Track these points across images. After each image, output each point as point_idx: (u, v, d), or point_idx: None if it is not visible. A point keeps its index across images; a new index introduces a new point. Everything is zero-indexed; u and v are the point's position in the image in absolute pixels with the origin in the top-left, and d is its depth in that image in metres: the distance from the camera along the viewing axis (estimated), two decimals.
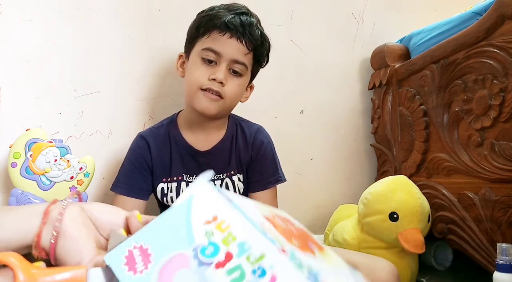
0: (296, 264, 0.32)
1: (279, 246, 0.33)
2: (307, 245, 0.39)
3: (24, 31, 1.00)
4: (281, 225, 0.39)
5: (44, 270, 0.33)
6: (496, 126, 0.86)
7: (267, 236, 0.33)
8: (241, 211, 0.35)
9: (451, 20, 1.05)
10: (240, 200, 0.38)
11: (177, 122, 0.97)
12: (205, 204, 0.35)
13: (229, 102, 0.91)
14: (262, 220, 0.36)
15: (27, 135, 0.87)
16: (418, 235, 0.89)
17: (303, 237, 0.41)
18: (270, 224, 0.37)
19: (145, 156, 0.93)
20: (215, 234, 0.33)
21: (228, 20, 0.87)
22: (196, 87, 0.88)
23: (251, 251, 0.32)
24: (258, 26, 0.91)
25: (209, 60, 0.88)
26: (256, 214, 0.37)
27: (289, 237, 0.37)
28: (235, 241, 0.33)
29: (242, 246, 0.32)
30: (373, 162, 1.34)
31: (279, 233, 0.36)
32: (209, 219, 0.34)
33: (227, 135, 0.96)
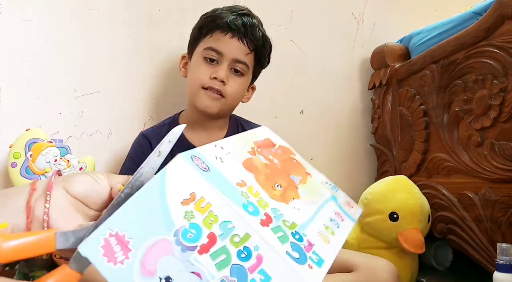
0: (280, 238, 0.31)
1: (262, 215, 0.32)
2: (290, 184, 0.39)
3: (24, 31, 1.00)
4: (263, 166, 0.39)
5: (9, 235, 0.32)
6: (496, 126, 0.86)
7: (248, 208, 0.32)
8: (220, 178, 0.33)
9: (451, 20, 1.05)
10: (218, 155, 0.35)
11: (179, 122, 0.97)
12: (179, 180, 0.32)
13: (230, 101, 0.92)
14: (242, 175, 0.35)
15: (27, 135, 0.87)
16: (418, 235, 0.89)
17: (286, 169, 0.41)
18: (251, 175, 0.36)
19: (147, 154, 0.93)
20: (195, 215, 0.31)
21: (230, 21, 0.88)
22: (198, 86, 0.90)
23: (234, 231, 0.31)
24: (259, 27, 0.93)
25: (211, 59, 0.90)
26: (236, 166, 0.36)
27: (272, 182, 0.37)
28: (217, 222, 0.31)
29: (225, 226, 0.31)
30: (373, 162, 1.34)
31: (261, 186, 0.36)
32: (186, 197, 0.31)
33: (228, 135, 0.97)
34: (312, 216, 0.38)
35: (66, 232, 0.33)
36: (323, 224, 0.38)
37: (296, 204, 0.38)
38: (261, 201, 0.34)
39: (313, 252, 0.33)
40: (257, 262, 0.30)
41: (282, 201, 0.36)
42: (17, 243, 0.31)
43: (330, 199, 0.43)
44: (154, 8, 1.13)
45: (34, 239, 0.32)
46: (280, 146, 0.46)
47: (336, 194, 0.46)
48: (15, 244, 0.31)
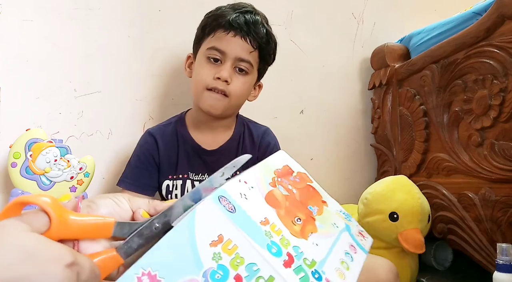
0: (301, 279, 0.33)
1: (285, 255, 0.34)
2: (308, 215, 0.41)
3: (24, 31, 1.00)
4: (283, 198, 0.41)
5: (75, 214, 0.34)
6: (496, 126, 0.86)
7: (272, 249, 0.34)
8: (245, 218, 0.35)
9: (451, 20, 1.05)
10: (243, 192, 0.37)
11: (185, 121, 0.98)
12: (208, 222, 0.33)
13: (235, 100, 0.91)
14: (265, 212, 0.37)
15: (27, 135, 0.87)
16: (418, 235, 0.89)
17: (304, 200, 0.44)
18: (273, 210, 0.38)
19: (153, 152, 0.94)
20: (222, 257, 0.33)
21: (232, 19, 0.88)
22: (202, 87, 0.89)
23: (259, 273, 0.33)
24: (263, 24, 0.92)
25: (214, 59, 0.89)
26: (259, 202, 0.38)
27: (292, 216, 0.39)
28: (243, 264, 0.33)
29: (251, 269, 0.33)
30: (373, 162, 1.34)
31: (283, 222, 0.38)
32: (214, 239, 0.33)
33: (234, 136, 0.97)
34: (329, 251, 0.40)
35: (124, 223, 0.36)
36: (339, 259, 0.40)
37: (315, 238, 0.40)
38: (283, 239, 0.36)
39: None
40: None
41: (302, 236, 0.38)
42: (82, 220, 0.34)
43: (345, 230, 0.45)
44: (154, 8, 1.13)
45: (96, 221, 0.35)
46: (298, 172, 0.49)
47: (349, 223, 0.48)
48: (80, 220, 0.34)
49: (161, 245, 0.32)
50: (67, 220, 0.33)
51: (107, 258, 0.34)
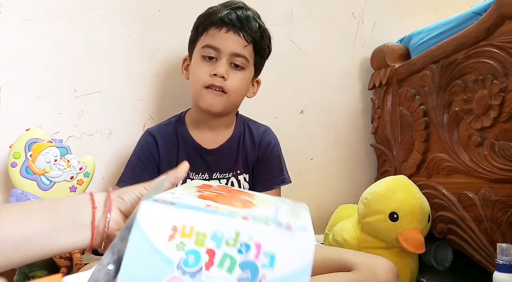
0: (263, 222, 0.34)
1: (238, 216, 0.35)
2: (245, 201, 0.43)
3: (24, 31, 1.01)
4: (214, 196, 0.42)
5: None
6: (496, 126, 0.86)
7: (224, 214, 0.34)
8: (187, 204, 0.35)
9: (451, 20, 1.04)
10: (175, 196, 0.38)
11: (185, 120, 0.98)
12: (155, 221, 0.33)
13: (234, 96, 0.91)
14: (204, 203, 0.37)
15: (27, 135, 0.87)
16: (418, 235, 0.89)
17: (234, 195, 0.46)
18: (210, 201, 0.39)
19: (153, 152, 0.94)
20: (185, 243, 0.33)
21: (224, 15, 0.88)
22: (199, 86, 0.90)
23: (225, 236, 0.33)
24: (255, 19, 0.92)
25: (209, 57, 0.89)
26: (195, 199, 0.39)
27: (230, 202, 0.40)
28: (207, 237, 0.33)
29: (216, 237, 0.33)
30: (373, 162, 1.34)
31: (224, 205, 0.38)
32: (170, 233, 0.33)
33: (234, 135, 0.97)
34: (275, 210, 0.41)
35: (71, 276, 0.35)
36: (288, 210, 0.43)
37: (256, 207, 0.41)
38: (232, 211, 0.36)
39: (295, 225, 0.36)
40: (257, 249, 0.33)
41: (245, 207, 0.39)
42: None
43: (278, 200, 0.49)
44: (154, 8, 1.13)
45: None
46: (217, 185, 0.52)
47: (282, 199, 0.51)
48: None
49: (126, 265, 0.32)
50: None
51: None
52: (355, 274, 0.72)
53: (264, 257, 0.33)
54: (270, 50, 0.98)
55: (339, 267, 0.74)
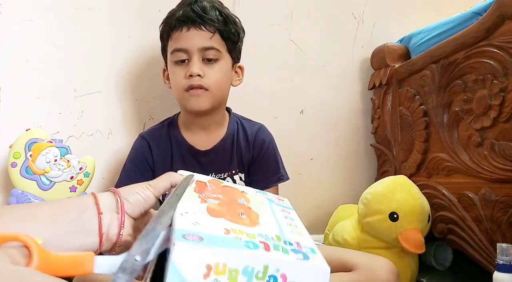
0: (283, 252, 0.38)
1: (260, 244, 0.38)
2: (244, 208, 0.48)
3: (24, 31, 1.00)
4: (219, 207, 0.46)
5: (55, 255, 0.35)
6: (496, 126, 0.86)
7: (249, 245, 0.38)
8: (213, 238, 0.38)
9: (451, 20, 1.04)
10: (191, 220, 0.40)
11: (178, 123, 0.97)
12: (189, 262, 0.35)
13: (216, 91, 0.90)
14: (220, 224, 0.41)
15: (27, 135, 0.87)
16: (418, 235, 0.89)
17: (231, 198, 0.50)
18: (222, 219, 0.42)
19: (147, 156, 0.93)
20: (220, 280, 0.35)
21: (180, 15, 0.88)
22: (180, 91, 0.89)
23: (255, 270, 0.36)
24: (214, 7, 0.90)
25: (181, 60, 0.89)
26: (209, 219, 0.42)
27: (236, 215, 0.45)
28: (239, 273, 0.35)
29: (247, 271, 0.36)
30: (373, 162, 1.34)
31: (236, 223, 0.42)
32: (205, 272, 0.35)
33: (228, 134, 0.96)
34: (277, 223, 0.46)
35: (102, 257, 0.37)
36: (287, 223, 0.47)
37: (262, 220, 0.46)
38: (248, 234, 0.40)
39: (304, 247, 0.41)
40: (283, 280, 0.36)
41: (255, 224, 0.44)
42: (62, 257, 0.34)
43: (270, 202, 0.53)
44: (154, 8, 1.13)
45: (75, 258, 0.35)
46: (209, 181, 0.54)
47: (268, 197, 0.56)
48: (60, 258, 0.34)
49: None
50: (47, 257, 0.33)
51: None
52: (355, 275, 0.72)
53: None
54: (239, 32, 0.95)
55: (339, 267, 0.74)
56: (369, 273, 0.71)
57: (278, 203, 0.55)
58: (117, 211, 0.44)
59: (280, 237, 0.42)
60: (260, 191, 0.57)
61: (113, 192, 0.45)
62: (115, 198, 0.44)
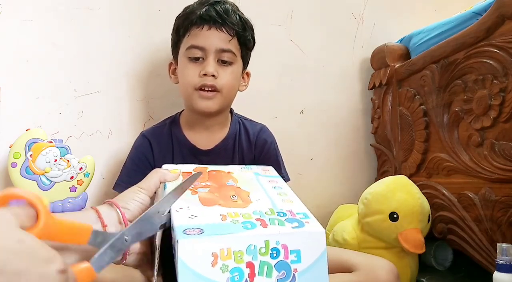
0: (279, 224, 0.41)
1: (257, 222, 0.41)
2: (234, 189, 0.49)
3: (24, 31, 1.00)
4: (211, 195, 0.47)
5: (59, 221, 0.35)
6: (496, 126, 0.86)
7: (247, 226, 0.40)
8: (212, 227, 0.39)
9: (451, 20, 1.05)
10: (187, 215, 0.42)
11: (179, 122, 0.97)
12: (195, 255, 0.37)
13: (227, 93, 0.90)
14: (215, 212, 0.43)
15: (27, 135, 0.87)
16: (418, 235, 0.89)
17: (219, 182, 0.51)
18: (217, 206, 0.44)
19: (147, 154, 0.93)
20: (228, 264, 0.37)
21: (203, 13, 0.87)
22: (190, 88, 0.89)
23: (257, 247, 0.38)
24: (235, 11, 0.91)
25: (195, 57, 0.88)
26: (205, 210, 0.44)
27: (228, 199, 0.46)
28: (244, 253, 0.38)
29: (250, 250, 0.38)
30: (373, 162, 1.34)
31: (230, 207, 0.44)
32: (211, 260, 0.37)
33: (230, 134, 0.96)
34: (267, 196, 0.49)
35: (99, 232, 0.38)
36: (277, 193, 0.50)
37: (253, 197, 0.47)
38: (244, 215, 0.43)
39: (297, 213, 0.44)
40: (285, 250, 0.39)
41: (248, 203, 0.46)
42: (65, 224, 0.35)
43: (256, 175, 0.56)
44: (154, 8, 1.13)
45: (76, 228, 0.36)
46: (194, 169, 0.56)
47: (253, 170, 0.58)
48: (63, 224, 0.35)
49: None
50: (51, 221, 0.33)
51: (83, 270, 0.35)
52: (355, 275, 0.73)
53: (292, 255, 0.39)
54: (255, 40, 0.96)
55: (339, 267, 0.74)
56: (369, 274, 0.71)
57: (264, 174, 0.57)
58: (119, 221, 0.44)
59: (273, 209, 0.44)
60: (245, 166, 0.59)
61: (111, 203, 0.46)
62: (115, 209, 0.45)
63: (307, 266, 0.40)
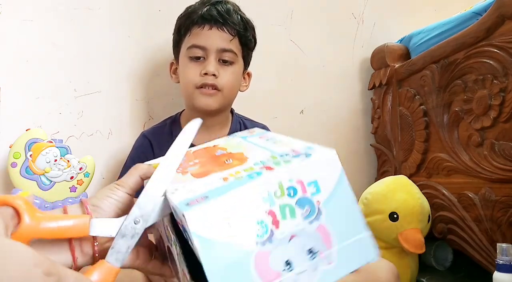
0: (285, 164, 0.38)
1: (262, 169, 0.37)
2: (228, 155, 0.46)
3: (24, 31, 1.00)
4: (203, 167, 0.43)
5: (48, 215, 0.34)
6: (496, 126, 0.86)
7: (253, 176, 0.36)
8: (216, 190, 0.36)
9: (451, 20, 1.05)
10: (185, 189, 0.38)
11: (180, 121, 0.97)
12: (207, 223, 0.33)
13: (227, 93, 0.90)
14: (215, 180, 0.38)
15: (27, 135, 0.87)
16: (418, 235, 0.89)
17: (209, 157, 0.47)
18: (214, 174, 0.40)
19: (148, 154, 0.94)
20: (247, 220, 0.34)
21: (204, 13, 0.87)
22: (191, 87, 0.89)
23: (271, 191, 0.35)
24: (236, 11, 0.91)
25: (196, 57, 0.89)
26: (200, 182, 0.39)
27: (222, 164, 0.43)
28: (260, 203, 0.34)
29: (264, 197, 0.35)
30: (373, 162, 1.34)
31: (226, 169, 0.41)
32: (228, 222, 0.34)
33: (231, 133, 0.96)
34: (263, 148, 0.45)
35: (100, 220, 0.36)
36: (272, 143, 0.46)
37: (248, 154, 0.44)
38: (246, 169, 0.39)
39: (299, 149, 0.41)
40: (301, 185, 0.36)
41: (245, 160, 0.42)
42: (55, 225, 0.34)
43: (244, 139, 0.52)
44: (154, 8, 1.13)
45: (70, 222, 0.34)
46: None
47: (240, 135, 0.55)
48: (53, 226, 0.33)
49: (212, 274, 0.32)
50: (38, 220, 0.32)
51: (102, 273, 0.33)
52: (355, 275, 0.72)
53: (310, 188, 0.36)
54: (256, 40, 0.97)
55: None
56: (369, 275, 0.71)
57: (252, 134, 0.54)
58: None
59: (274, 156, 0.41)
60: (229, 136, 0.56)
61: (82, 202, 0.42)
62: (82, 208, 0.40)
63: (329, 193, 0.37)
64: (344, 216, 0.38)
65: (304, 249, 0.36)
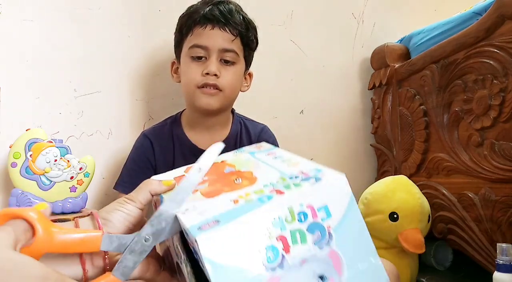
0: (296, 188, 0.37)
1: (273, 192, 0.37)
2: (236, 174, 0.46)
3: (24, 31, 1.00)
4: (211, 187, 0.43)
5: (62, 228, 0.34)
6: (496, 126, 0.86)
7: (263, 200, 0.36)
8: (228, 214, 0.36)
9: (451, 20, 1.05)
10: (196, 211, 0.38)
11: (181, 121, 0.97)
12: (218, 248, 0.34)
13: (229, 93, 0.90)
14: (225, 201, 0.38)
15: (27, 135, 0.87)
16: (418, 235, 0.89)
17: (218, 173, 0.47)
18: (223, 194, 0.40)
19: (148, 154, 0.93)
20: (258, 246, 0.34)
21: (207, 12, 0.87)
22: (193, 87, 0.89)
23: (282, 217, 0.35)
24: (238, 11, 0.91)
25: (198, 56, 0.88)
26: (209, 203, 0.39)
27: (232, 184, 0.42)
28: (270, 229, 0.35)
29: (276, 223, 0.35)
30: (373, 162, 1.34)
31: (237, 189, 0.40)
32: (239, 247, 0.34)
33: (231, 134, 0.96)
34: (272, 167, 0.45)
35: (112, 236, 0.36)
36: (281, 162, 0.46)
37: (258, 174, 0.44)
38: (256, 192, 0.39)
39: (309, 171, 0.40)
40: (311, 210, 0.36)
41: (254, 181, 0.42)
42: (69, 240, 0.34)
43: (253, 156, 0.52)
44: (154, 8, 1.13)
45: (82, 237, 0.35)
46: (184, 171, 0.51)
47: (247, 150, 0.54)
48: (66, 238, 0.34)
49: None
50: (52, 234, 0.33)
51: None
52: None
53: (320, 213, 0.36)
54: (257, 40, 0.97)
55: None
56: None
57: (260, 150, 0.53)
58: None
59: (283, 177, 0.40)
60: (237, 150, 0.55)
61: (93, 215, 0.42)
62: (94, 222, 0.41)
63: (339, 218, 0.37)
64: (354, 241, 0.39)
65: (315, 275, 0.35)
